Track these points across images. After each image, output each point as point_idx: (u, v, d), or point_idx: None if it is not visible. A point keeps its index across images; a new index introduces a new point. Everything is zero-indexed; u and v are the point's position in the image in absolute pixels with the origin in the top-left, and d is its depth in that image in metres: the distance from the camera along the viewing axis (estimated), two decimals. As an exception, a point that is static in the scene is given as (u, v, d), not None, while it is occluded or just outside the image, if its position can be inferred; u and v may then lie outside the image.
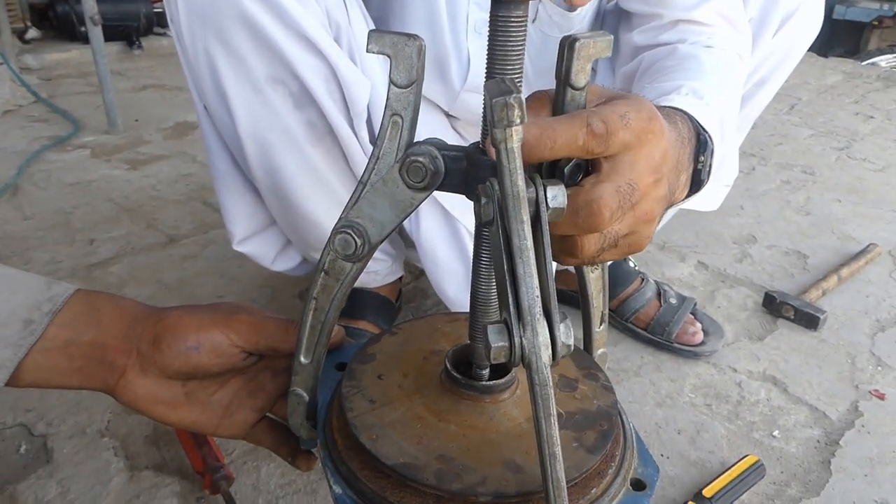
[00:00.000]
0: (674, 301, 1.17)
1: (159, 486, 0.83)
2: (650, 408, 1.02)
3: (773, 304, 1.25)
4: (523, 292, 0.37)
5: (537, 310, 0.37)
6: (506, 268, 0.38)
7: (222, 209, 0.94)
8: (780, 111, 2.46)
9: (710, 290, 1.34)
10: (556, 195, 0.41)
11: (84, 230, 1.47)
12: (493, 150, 0.39)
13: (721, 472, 0.87)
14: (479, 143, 0.46)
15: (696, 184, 0.57)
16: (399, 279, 1.15)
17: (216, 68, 0.75)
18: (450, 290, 0.97)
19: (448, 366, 0.52)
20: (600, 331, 0.59)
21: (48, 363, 0.54)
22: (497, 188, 0.39)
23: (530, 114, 0.44)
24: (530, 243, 0.38)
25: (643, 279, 1.20)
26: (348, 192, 0.92)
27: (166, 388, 0.58)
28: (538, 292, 0.38)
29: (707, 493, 0.83)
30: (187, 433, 0.85)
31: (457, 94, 0.93)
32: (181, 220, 1.54)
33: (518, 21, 0.41)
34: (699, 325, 1.15)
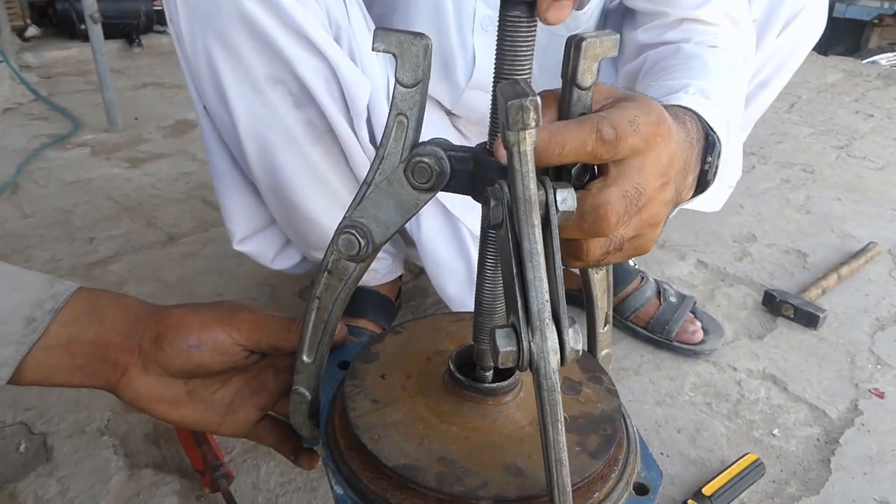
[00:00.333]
0: (673, 300, 1.17)
1: (159, 485, 0.83)
2: (650, 406, 1.02)
3: (772, 303, 1.25)
4: (532, 296, 0.37)
5: (546, 314, 0.37)
6: (515, 272, 0.38)
7: (222, 208, 0.94)
8: (780, 109, 2.45)
9: (710, 289, 1.34)
10: (566, 198, 0.40)
11: (84, 228, 1.47)
12: (501, 152, 0.38)
13: (721, 471, 0.87)
14: (486, 144, 0.45)
15: (702, 184, 0.57)
16: (399, 277, 1.15)
17: (216, 68, 0.75)
18: (451, 290, 0.97)
19: (451, 367, 0.52)
20: (605, 332, 0.59)
21: (50, 361, 0.54)
22: (507, 191, 0.38)
23: None
24: (541, 247, 0.37)
25: (643, 278, 1.20)
26: (348, 192, 0.93)
27: (168, 386, 0.58)
28: (548, 297, 0.37)
29: (707, 491, 0.83)
30: (187, 431, 0.85)
31: (461, 91, 0.93)
32: (181, 219, 1.54)
33: (528, 21, 0.41)
34: (699, 324, 1.15)
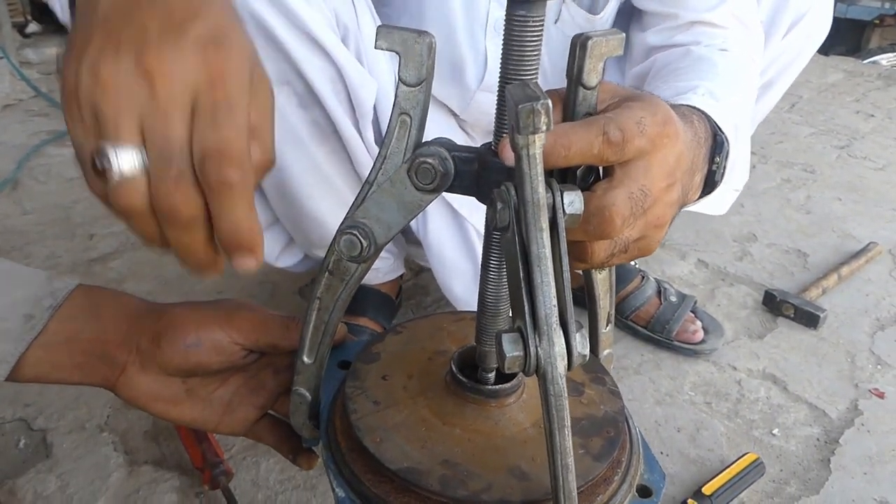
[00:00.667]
0: (674, 299, 1.17)
1: (159, 482, 0.83)
2: (650, 405, 1.02)
3: (773, 303, 1.25)
4: (540, 301, 0.37)
5: (554, 319, 0.37)
6: (522, 275, 0.37)
7: None
8: (780, 109, 2.45)
9: (711, 289, 1.34)
10: (573, 201, 0.40)
11: (84, 225, 1.47)
12: (507, 153, 0.38)
13: (721, 470, 0.87)
14: (491, 145, 0.44)
15: (709, 185, 0.57)
16: (400, 276, 1.15)
17: None
18: (457, 289, 0.97)
19: (454, 369, 0.52)
20: (607, 332, 0.58)
21: (49, 358, 0.54)
22: (513, 193, 0.38)
23: None
24: (549, 252, 0.37)
25: (643, 277, 1.20)
26: (352, 192, 0.92)
27: (167, 384, 0.58)
28: (555, 301, 0.37)
29: (706, 490, 0.83)
30: (187, 428, 0.85)
31: (472, 94, 0.92)
32: (181, 216, 1.54)
33: (536, 21, 0.40)
34: (699, 324, 1.15)
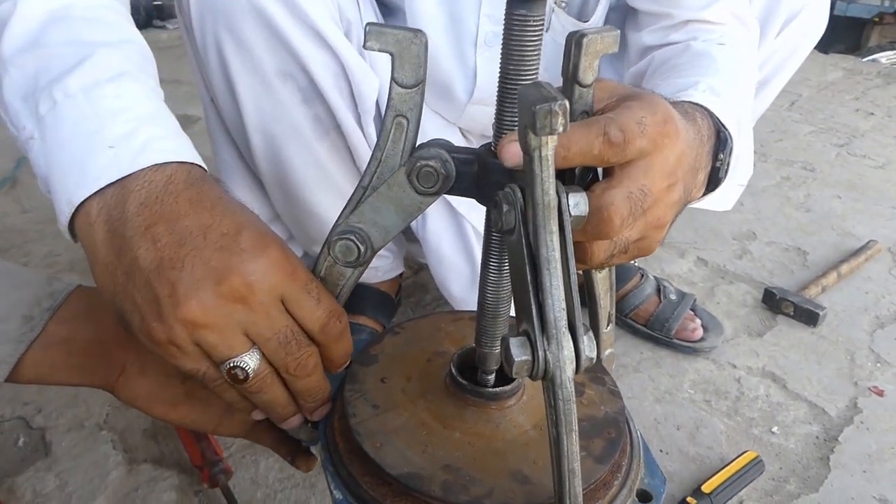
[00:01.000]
0: (673, 297, 1.17)
1: (158, 480, 0.83)
2: (649, 403, 1.02)
3: (772, 301, 1.25)
4: (549, 304, 0.36)
5: (563, 323, 0.36)
6: (529, 278, 0.37)
7: None
8: (780, 107, 2.45)
9: (710, 287, 1.34)
10: (578, 203, 0.39)
11: (83, 223, 1.47)
12: (510, 152, 0.38)
13: (720, 468, 0.87)
14: (490, 146, 0.44)
15: (713, 182, 0.56)
16: (399, 274, 1.15)
17: (225, 61, 0.75)
18: (455, 289, 0.97)
19: (453, 371, 0.51)
20: (607, 331, 0.58)
21: (48, 360, 0.54)
22: (519, 195, 0.38)
23: None
24: (558, 254, 0.36)
25: (643, 275, 1.20)
26: (353, 188, 0.92)
27: (166, 386, 0.58)
28: (564, 304, 0.36)
29: (706, 488, 0.83)
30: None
31: (463, 107, 0.91)
32: (180, 214, 1.53)
33: (536, 21, 0.39)
34: (698, 322, 1.14)
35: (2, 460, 0.85)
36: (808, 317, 1.21)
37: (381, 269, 1.07)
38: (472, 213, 0.93)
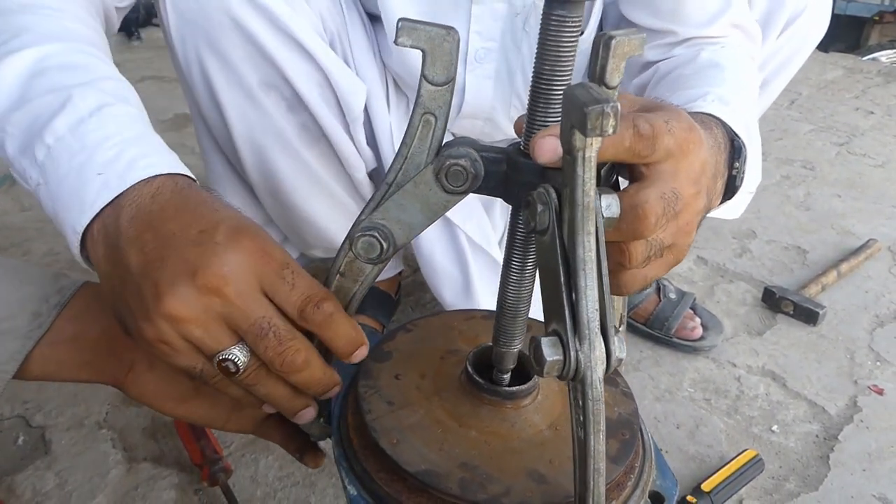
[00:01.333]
0: (673, 296, 1.17)
1: (157, 478, 0.83)
2: (649, 402, 1.02)
3: (772, 299, 1.25)
4: (583, 305, 0.36)
5: (596, 324, 0.36)
6: (562, 279, 0.37)
7: None
8: (780, 106, 2.45)
9: (710, 285, 1.34)
10: (611, 204, 0.39)
11: (82, 222, 1.47)
12: (544, 149, 0.38)
13: (720, 467, 0.87)
14: (520, 145, 0.43)
15: (729, 190, 0.56)
16: (399, 273, 1.15)
17: (208, 75, 0.75)
18: (447, 296, 0.97)
19: (469, 369, 0.51)
20: (619, 333, 0.58)
21: (56, 356, 0.54)
22: (553, 196, 0.37)
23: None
24: (594, 255, 0.36)
25: (643, 274, 1.20)
26: (346, 192, 0.92)
27: (174, 382, 0.57)
28: (598, 305, 0.36)
29: (706, 487, 0.83)
30: (186, 425, 0.85)
31: (452, 122, 0.90)
32: (180, 213, 1.53)
33: (574, 21, 0.39)
34: (698, 320, 1.14)
35: (1, 459, 0.85)
36: (808, 315, 1.21)
37: (381, 267, 1.07)
38: (467, 222, 0.93)
